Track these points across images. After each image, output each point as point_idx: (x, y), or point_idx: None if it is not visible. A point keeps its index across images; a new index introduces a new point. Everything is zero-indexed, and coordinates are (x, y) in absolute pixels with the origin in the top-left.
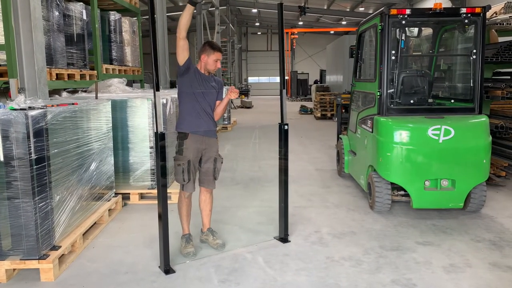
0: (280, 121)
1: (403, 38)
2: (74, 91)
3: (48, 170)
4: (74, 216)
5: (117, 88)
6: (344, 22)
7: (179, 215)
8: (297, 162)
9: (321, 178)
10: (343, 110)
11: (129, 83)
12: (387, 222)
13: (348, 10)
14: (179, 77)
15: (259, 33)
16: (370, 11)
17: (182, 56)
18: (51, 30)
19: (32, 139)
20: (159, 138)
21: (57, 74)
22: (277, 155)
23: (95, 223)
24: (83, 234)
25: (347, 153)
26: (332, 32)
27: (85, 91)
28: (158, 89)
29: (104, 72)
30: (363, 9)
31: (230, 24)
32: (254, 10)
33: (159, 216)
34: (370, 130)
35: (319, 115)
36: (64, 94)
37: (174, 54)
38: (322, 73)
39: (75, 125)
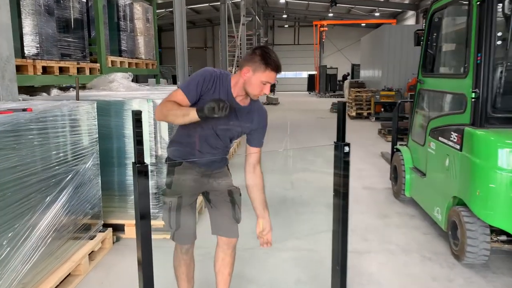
0: (336, 139)
1: None
2: (78, 87)
3: None
4: (28, 274)
5: (120, 84)
6: (377, 14)
7: (176, 278)
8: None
9: (374, 202)
10: (382, 109)
11: (144, 79)
12: (487, 286)
13: (381, 0)
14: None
15: (286, 26)
16: (406, 1)
17: (185, 104)
18: (37, 13)
19: None
20: (139, 172)
21: (44, 67)
22: (313, 167)
23: (69, 274)
24: None
25: (409, 171)
26: (363, 24)
27: (83, 87)
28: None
29: (110, 65)
30: None
31: (256, 16)
32: (282, 1)
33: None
34: (458, 146)
35: (354, 114)
36: (55, 91)
37: (193, 48)
38: (354, 68)
39: (28, 143)
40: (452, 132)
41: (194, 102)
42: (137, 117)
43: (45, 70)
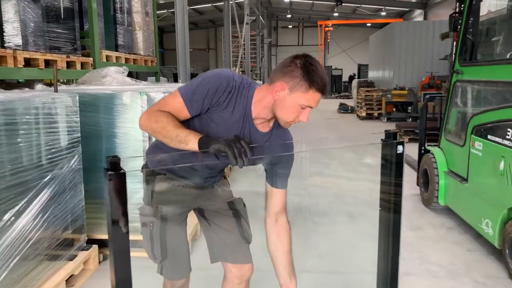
0: (384, 136)
1: None
2: (56, 77)
3: None
4: None
5: (113, 79)
6: (383, 13)
7: None
8: (356, 182)
9: (402, 211)
10: (394, 109)
11: (144, 77)
12: None
13: None
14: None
15: (290, 26)
16: (413, 0)
17: (182, 117)
18: None
19: None
20: (113, 179)
21: (27, 60)
22: (328, 171)
23: None
24: None
25: (444, 176)
26: (369, 24)
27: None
28: None
29: (104, 60)
30: None
31: (260, 17)
32: (286, 1)
33: None
34: None
35: (364, 114)
36: (39, 87)
37: (196, 49)
38: (361, 68)
39: None
40: (509, 129)
41: (195, 115)
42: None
43: (29, 63)
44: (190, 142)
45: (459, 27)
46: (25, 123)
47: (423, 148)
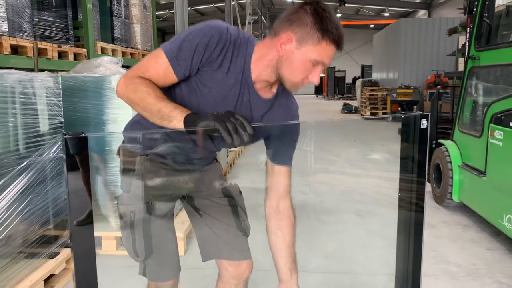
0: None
1: None
2: (37, 56)
3: None
4: None
5: (107, 70)
6: (387, 14)
7: None
8: (365, 179)
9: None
10: (399, 109)
11: None
12: None
13: None
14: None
15: None
16: (417, 0)
17: (168, 82)
18: None
19: None
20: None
21: (14, 47)
22: (333, 167)
23: None
24: None
25: (458, 170)
26: (372, 25)
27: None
28: None
29: (99, 52)
30: None
31: (262, 17)
32: (289, 1)
33: None
34: None
35: (368, 114)
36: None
37: None
38: (364, 69)
39: None
40: None
41: (184, 78)
42: None
43: (14, 50)
44: (175, 119)
45: (474, 9)
46: None
47: (434, 141)
